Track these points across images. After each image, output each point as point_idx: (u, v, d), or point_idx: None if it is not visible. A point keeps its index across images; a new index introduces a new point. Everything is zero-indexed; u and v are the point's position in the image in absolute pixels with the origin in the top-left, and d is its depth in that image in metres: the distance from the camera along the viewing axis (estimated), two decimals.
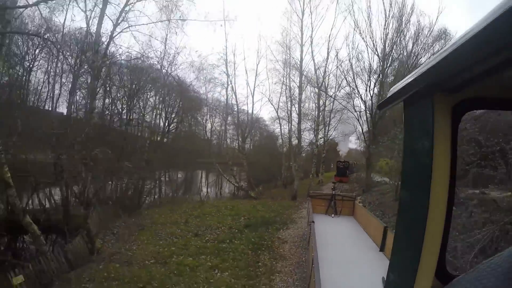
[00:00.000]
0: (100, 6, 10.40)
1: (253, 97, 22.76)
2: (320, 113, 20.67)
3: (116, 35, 11.59)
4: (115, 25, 11.26)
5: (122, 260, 6.85)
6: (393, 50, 16.99)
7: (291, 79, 21.23)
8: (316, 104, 20.57)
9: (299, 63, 20.22)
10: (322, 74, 19.68)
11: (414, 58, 16.87)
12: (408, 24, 16.84)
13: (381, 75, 16.86)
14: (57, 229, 9.58)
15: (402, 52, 17.51)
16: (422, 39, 17.14)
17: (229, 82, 21.63)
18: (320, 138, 21.43)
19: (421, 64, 0.83)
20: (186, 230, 9.17)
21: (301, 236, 8.47)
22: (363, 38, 16.95)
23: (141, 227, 9.92)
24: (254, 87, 22.39)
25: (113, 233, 9.84)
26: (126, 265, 6.54)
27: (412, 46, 17.11)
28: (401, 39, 16.83)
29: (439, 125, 0.82)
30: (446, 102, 0.82)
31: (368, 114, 16.85)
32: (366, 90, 16.97)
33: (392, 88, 1.06)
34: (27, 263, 6.92)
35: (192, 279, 5.65)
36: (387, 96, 1.08)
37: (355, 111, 17.89)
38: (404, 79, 0.94)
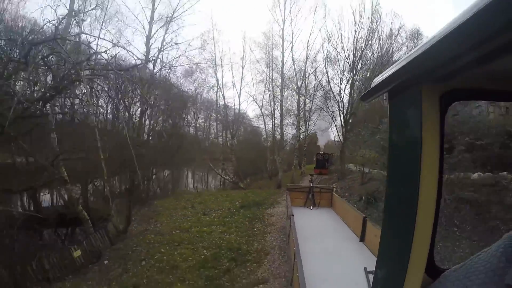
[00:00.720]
0: None
1: (239, 97, 25.41)
2: (301, 111, 23.63)
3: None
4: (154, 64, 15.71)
5: (155, 233, 9.43)
6: (363, 54, 20.10)
7: (273, 80, 24.07)
8: (297, 102, 23.55)
9: (280, 68, 23.12)
10: (302, 76, 22.67)
11: (386, 56, 19.85)
12: (374, 35, 19.97)
13: (351, 79, 19.97)
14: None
15: (372, 54, 20.62)
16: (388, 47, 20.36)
17: (218, 86, 24.27)
18: (302, 132, 24.35)
19: (406, 55, 0.80)
20: (194, 212, 11.81)
21: (284, 212, 11.31)
22: (335, 48, 19.97)
23: (157, 212, 12.45)
24: (241, 89, 25.06)
25: (133, 219, 12.31)
26: (159, 235, 9.12)
27: (380, 51, 20.23)
28: (374, 41, 19.93)
29: (427, 116, 0.81)
30: (434, 92, 0.81)
31: (341, 114, 19.97)
32: (339, 92, 20.05)
33: (376, 79, 1.03)
34: (81, 242, 9.38)
35: (210, 239, 8.36)
36: (371, 87, 1.05)
37: (329, 110, 20.91)
38: (389, 69, 0.91)
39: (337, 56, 20.16)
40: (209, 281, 6.15)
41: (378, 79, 0.99)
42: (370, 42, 19.88)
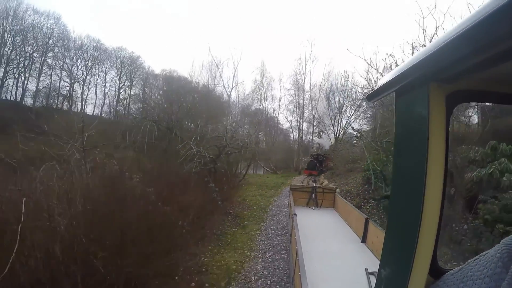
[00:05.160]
0: None
1: (278, 118, 43.91)
2: (315, 131, 41.46)
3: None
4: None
5: (253, 180, 27.77)
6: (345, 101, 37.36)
7: (298, 108, 42.16)
8: (312, 127, 41.38)
9: (302, 104, 41.20)
10: (314, 112, 40.51)
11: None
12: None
13: (339, 115, 37.44)
14: None
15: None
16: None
17: (265, 113, 42.91)
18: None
19: (414, 55, 0.85)
20: (262, 178, 30.13)
21: (296, 180, 29.05)
22: (329, 98, 37.56)
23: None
24: (279, 113, 43.54)
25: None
26: (257, 181, 27.45)
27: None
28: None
29: (433, 116, 0.83)
30: (440, 92, 0.84)
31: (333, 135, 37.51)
32: (333, 123, 37.68)
33: (382, 79, 1.06)
34: None
35: (274, 181, 26.52)
36: (377, 87, 1.09)
37: (327, 131, 38.53)
38: (396, 69, 0.95)
39: (332, 101, 37.78)
40: (276, 185, 24.16)
41: (384, 79, 1.03)
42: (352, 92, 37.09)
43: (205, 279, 6.28)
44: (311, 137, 41.70)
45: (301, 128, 41.88)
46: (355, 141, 32.29)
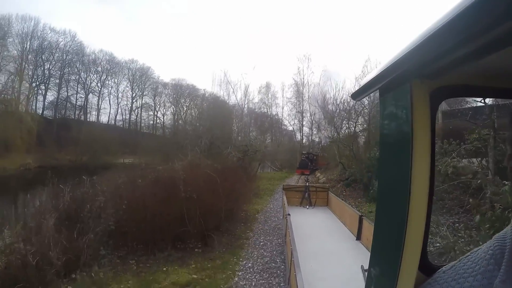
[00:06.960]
0: None
1: (281, 123, 51.73)
2: (314, 134, 49.10)
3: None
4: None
5: (264, 175, 35.52)
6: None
7: (301, 112, 49.88)
8: (311, 130, 48.99)
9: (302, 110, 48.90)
10: (312, 118, 48.16)
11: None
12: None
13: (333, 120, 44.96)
14: None
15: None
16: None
17: (271, 117, 50.80)
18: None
19: (396, 52, 0.84)
20: (270, 174, 37.85)
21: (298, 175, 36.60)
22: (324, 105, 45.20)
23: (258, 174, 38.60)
24: (282, 118, 51.33)
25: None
26: (267, 176, 35.18)
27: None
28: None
29: (417, 112, 0.83)
30: (424, 88, 0.84)
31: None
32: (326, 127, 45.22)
33: (366, 77, 1.06)
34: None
35: (280, 176, 34.23)
36: (361, 85, 1.09)
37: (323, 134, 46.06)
38: (380, 67, 0.94)
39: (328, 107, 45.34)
40: (281, 178, 31.73)
41: (368, 77, 1.03)
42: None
43: (247, 213, 14.06)
44: (311, 138, 49.37)
45: (301, 132, 49.62)
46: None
